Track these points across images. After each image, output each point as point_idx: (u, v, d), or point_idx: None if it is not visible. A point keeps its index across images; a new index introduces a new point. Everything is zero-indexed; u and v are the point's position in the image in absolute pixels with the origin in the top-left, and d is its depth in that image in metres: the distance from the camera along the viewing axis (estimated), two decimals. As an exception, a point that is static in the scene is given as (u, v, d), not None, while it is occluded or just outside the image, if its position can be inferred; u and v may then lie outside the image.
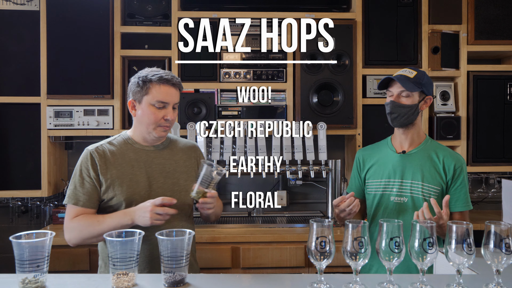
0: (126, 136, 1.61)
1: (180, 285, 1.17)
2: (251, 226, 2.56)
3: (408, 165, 1.74)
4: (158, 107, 1.52)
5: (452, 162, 1.73)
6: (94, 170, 1.51)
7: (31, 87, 2.57)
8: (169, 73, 1.56)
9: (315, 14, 2.63)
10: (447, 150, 1.78)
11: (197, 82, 2.62)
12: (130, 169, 1.54)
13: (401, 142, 1.80)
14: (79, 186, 1.51)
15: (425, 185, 1.71)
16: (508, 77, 2.70)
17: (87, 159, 1.52)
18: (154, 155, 1.59)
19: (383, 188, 1.77)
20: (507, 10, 2.66)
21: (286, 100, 2.64)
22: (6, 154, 2.57)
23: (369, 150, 1.90)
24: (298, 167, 2.54)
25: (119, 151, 1.55)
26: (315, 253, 1.11)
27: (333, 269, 1.31)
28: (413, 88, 1.69)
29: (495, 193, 2.94)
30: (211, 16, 2.61)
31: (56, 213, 2.59)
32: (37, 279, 1.11)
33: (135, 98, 1.55)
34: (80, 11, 2.55)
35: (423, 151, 1.76)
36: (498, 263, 1.11)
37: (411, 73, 1.73)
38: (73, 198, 1.50)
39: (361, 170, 1.87)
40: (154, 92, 1.51)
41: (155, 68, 1.58)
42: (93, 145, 1.58)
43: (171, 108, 1.55)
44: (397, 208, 1.73)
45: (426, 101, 1.75)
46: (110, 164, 1.52)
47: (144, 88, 1.52)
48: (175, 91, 1.55)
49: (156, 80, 1.51)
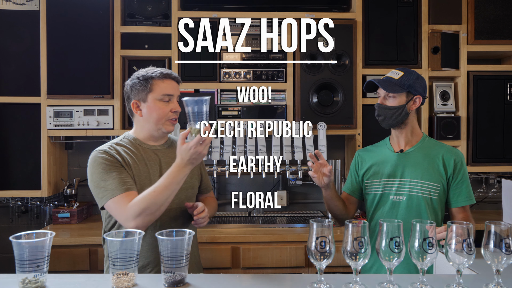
0: (132, 137, 1.61)
1: (180, 285, 1.16)
2: (251, 226, 2.56)
3: (407, 164, 1.75)
4: (165, 101, 1.55)
5: (451, 157, 1.74)
6: (117, 161, 1.48)
7: (31, 87, 2.57)
8: (167, 69, 1.61)
9: (315, 14, 2.63)
10: (445, 146, 1.79)
11: (197, 82, 2.62)
12: (144, 168, 1.54)
13: (398, 141, 1.81)
14: (115, 176, 1.44)
15: (424, 183, 1.72)
16: (508, 77, 2.70)
17: (107, 155, 1.48)
18: (161, 154, 1.61)
19: (382, 187, 1.78)
20: (507, 10, 2.66)
21: (286, 100, 2.65)
22: (6, 154, 2.57)
23: (368, 150, 1.91)
24: (298, 167, 2.54)
25: (131, 151, 1.55)
26: (315, 253, 1.11)
27: (333, 269, 1.31)
28: (396, 90, 1.71)
29: (495, 193, 2.94)
30: (211, 16, 2.61)
31: (56, 213, 2.59)
32: (37, 279, 1.11)
33: (139, 98, 1.56)
34: (80, 11, 2.55)
35: (421, 149, 1.77)
36: (498, 263, 1.11)
37: (397, 74, 1.74)
38: (115, 189, 1.42)
39: (359, 169, 1.88)
40: (158, 87, 1.54)
41: (150, 67, 1.61)
42: (102, 147, 1.53)
43: (175, 100, 1.58)
44: (396, 206, 1.74)
45: (415, 101, 1.75)
46: (126, 163, 1.51)
47: (147, 86, 1.54)
48: (176, 84, 1.60)
49: (158, 76, 1.55)
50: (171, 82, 1.57)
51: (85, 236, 2.33)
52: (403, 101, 1.73)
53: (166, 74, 1.57)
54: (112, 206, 1.44)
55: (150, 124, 1.57)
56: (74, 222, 2.59)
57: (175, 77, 1.60)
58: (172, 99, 1.57)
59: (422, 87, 1.76)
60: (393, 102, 1.73)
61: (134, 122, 1.63)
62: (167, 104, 1.55)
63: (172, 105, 1.56)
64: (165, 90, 1.54)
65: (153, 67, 1.61)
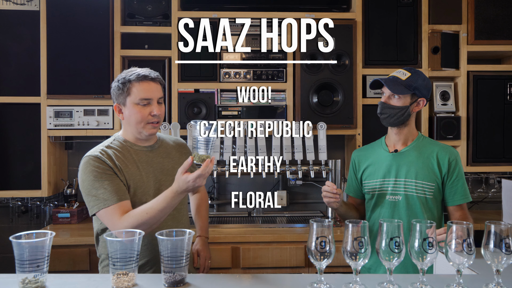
0: (121, 138, 1.58)
1: (180, 285, 1.17)
2: (251, 226, 2.55)
3: (401, 164, 1.75)
4: (142, 105, 1.51)
5: (445, 156, 1.73)
6: (109, 168, 1.47)
7: (31, 87, 2.57)
8: (147, 70, 1.55)
9: (315, 14, 2.63)
10: (439, 145, 1.78)
11: (197, 82, 2.62)
12: (137, 170, 1.53)
13: (394, 141, 1.81)
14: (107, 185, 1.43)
15: (419, 182, 1.72)
16: (508, 77, 2.70)
17: (98, 163, 1.46)
18: (152, 155, 1.59)
19: (378, 188, 1.78)
20: (507, 10, 2.66)
21: (286, 100, 2.64)
22: (6, 154, 2.57)
23: (363, 151, 1.92)
24: (298, 167, 2.54)
25: (122, 154, 1.53)
26: (315, 253, 1.11)
27: (333, 269, 1.31)
28: (401, 91, 1.70)
29: (495, 193, 2.94)
30: (211, 16, 2.61)
31: (56, 213, 2.59)
32: (37, 279, 1.11)
33: (119, 101, 1.54)
34: (80, 11, 2.55)
35: (415, 148, 1.77)
36: (498, 263, 1.11)
37: (405, 74, 1.72)
38: (108, 200, 1.41)
39: (357, 171, 1.89)
40: (135, 91, 1.50)
41: (133, 67, 1.57)
42: (94, 151, 1.52)
43: (155, 103, 1.54)
44: (391, 206, 1.74)
45: (419, 103, 1.74)
46: (118, 168, 1.49)
47: (125, 90, 1.51)
48: (155, 86, 1.54)
49: (135, 78, 1.51)
50: (149, 84, 1.52)
51: (85, 236, 2.32)
52: (407, 102, 1.72)
53: (143, 76, 1.51)
54: (104, 216, 1.43)
55: (131, 127, 1.55)
56: (74, 222, 2.59)
57: (154, 78, 1.54)
58: (151, 102, 1.52)
59: (427, 89, 1.74)
60: (397, 102, 1.72)
61: (122, 123, 1.61)
62: (145, 108, 1.51)
63: (150, 108, 1.51)
64: (141, 94, 1.50)
65: (135, 67, 1.57)
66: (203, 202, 1.88)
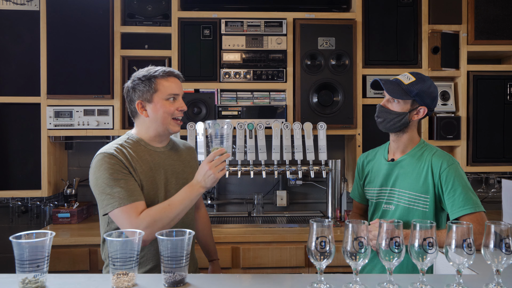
0: (136, 137, 1.57)
1: (180, 285, 1.16)
2: (251, 226, 2.55)
3: (397, 173, 1.70)
4: (171, 100, 1.54)
5: (438, 165, 1.61)
6: (125, 167, 1.46)
7: (31, 87, 2.57)
8: (167, 67, 1.60)
9: (315, 14, 2.63)
10: (436, 153, 1.65)
11: (197, 82, 2.62)
12: (149, 171, 1.52)
13: (393, 149, 1.74)
14: (123, 184, 1.42)
15: (412, 194, 1.64)
16: (508, 77, 2.70)
17: (113, 160, 1.44)
18: (165, 157, 1.60)
19: (376, 196, 1.77)
20: (507, 10, 2.66)
21: (286, 100, 2.64)
22: (6, 154, 2.57)
23: (368, 156, 1.88)
24: (298, 167, 2.54)
25: (136, 153, 1.52)
26: (315, 253, 1.11)
27: (333, 269, 1.31)
28: (400, 95, 1.61)
29: (495, 193, 2.94)
30: (211, 16, 2.61)
31: (56, 213, 2.59)
32: (37, 279, 1.11)
33: (143, 98, 1.53)
34: (80, 11, 2.55)
35: (411, 157, 1.68)
36: (498, 263, 1.11)
37: (409, 79, 1.63)
38: (124, 198, 1.40)
39: (361, 175, 1.88)
40: (163, 87, 1.53)
41: (150, 66, 1.59)
42: (108, 148, 1.50)
43: (181, 98, 1.58)
44: (386, 216, 1.71)
45: (419, 112, 1.64)
46: (132, 168, 1.48)
47: (152, 86, 1.52)
48: (180, 82, 1.60)
49: (162, 75, 1.54)
50: (174, 80, 1.57)
51: (85, 236, 2.32)
52: (406, 109, 1.63)
53: (169, 72, 1.56)
54: (119, 215, 1.41)
55: (156, 123, 1.55)
56: (74, 222, 2.59)
57: (178, 75, 1.59)
58: (177, 98, 1.57)
59: (431, 98, 1.63)
60: (396, 107, 1.64)
61: (138, 122, 1.60)
62: (173, 103, 1.55)
63: (178, 103, 1.56)
64: (170, 90, 1.54)
65: (153, 66, 1.60)
66: (206, 221, 1.90)
